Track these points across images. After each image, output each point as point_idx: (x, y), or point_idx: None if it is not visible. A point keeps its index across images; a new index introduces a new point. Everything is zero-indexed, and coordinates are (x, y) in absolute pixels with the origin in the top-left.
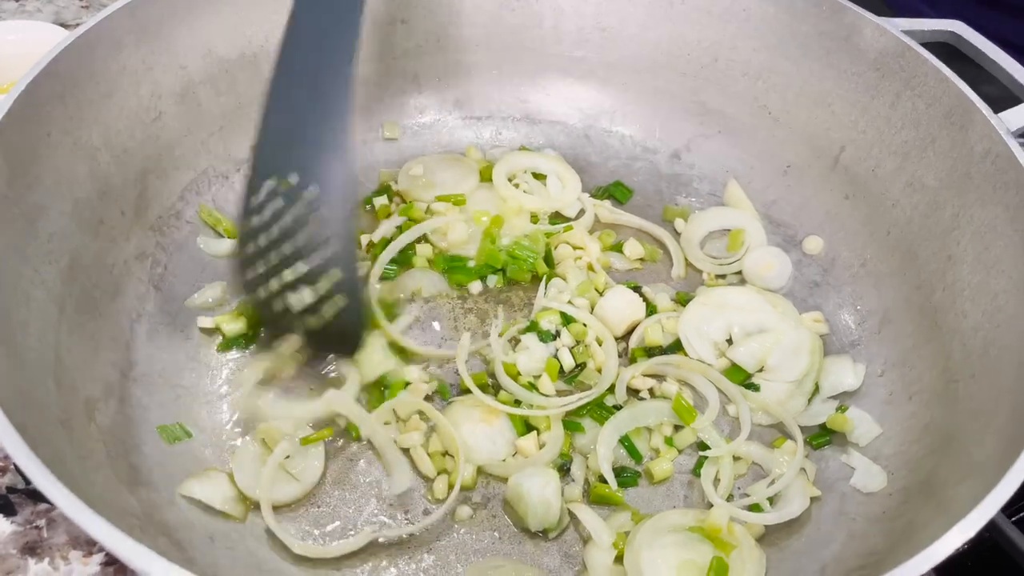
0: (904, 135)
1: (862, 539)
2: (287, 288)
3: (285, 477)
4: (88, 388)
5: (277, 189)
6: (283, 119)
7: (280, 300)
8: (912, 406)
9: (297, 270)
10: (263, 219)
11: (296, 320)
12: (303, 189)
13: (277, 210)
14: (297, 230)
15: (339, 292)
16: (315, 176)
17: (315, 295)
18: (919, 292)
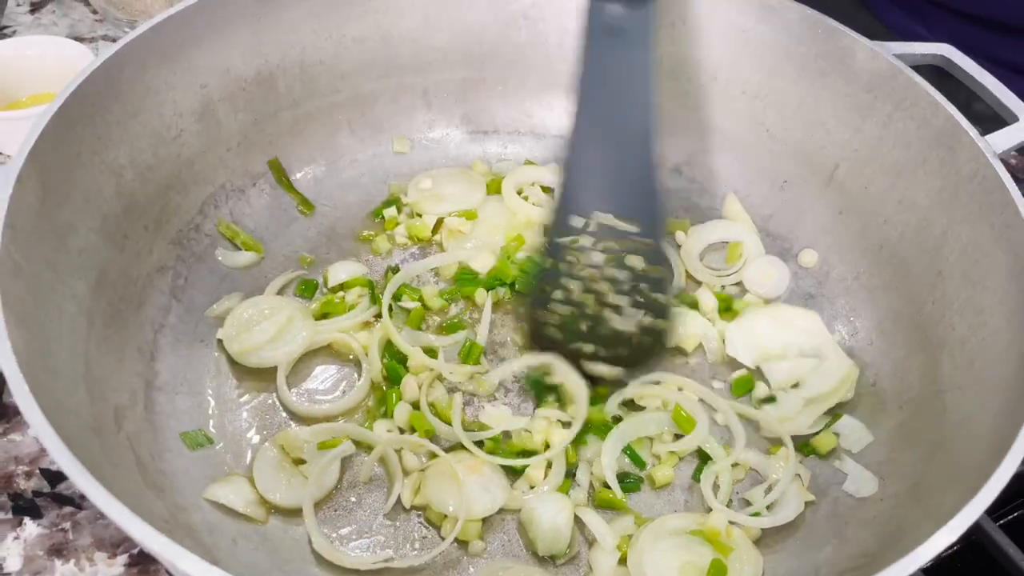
0: (896, 155)
1: (854, 542)
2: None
3: (301, 481)
4: (116, 397)
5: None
6: (584, 166)
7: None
8: (902, 415)
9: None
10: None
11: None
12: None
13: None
14: (613, 264)
15: (656, 315)
16: (632, 210)
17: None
18: (910, 305)
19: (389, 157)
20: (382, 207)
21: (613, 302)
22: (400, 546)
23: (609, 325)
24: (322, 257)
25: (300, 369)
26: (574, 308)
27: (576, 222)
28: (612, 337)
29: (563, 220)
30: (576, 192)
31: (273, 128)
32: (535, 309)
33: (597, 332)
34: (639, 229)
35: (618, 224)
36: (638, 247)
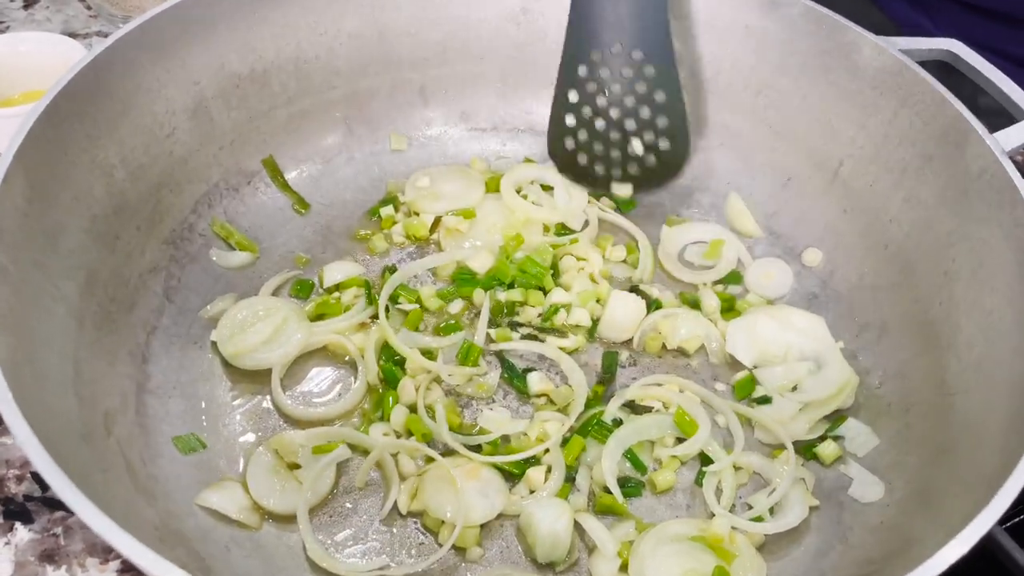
0: (901, 152)
1: (859, 548)
2: (612, 145)
3: (296, 487)
4: (106, 401)
5: (603, 57)
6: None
7: (601, 159)
8: (909, 418)
9: (626, 127)
10: (586, 91)
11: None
12: (627, 52)
13: (601, 80)
14: (625, 91)
15: (666, 136)
16: (634, 39)
17: (645, 144)
18: (916, 306)
19: (386, 155)
20: (379, 206)
21: (628, 128)
22: (396, 553)
23: (627, 148)
24: (318, 257)
25: (295, 371)
26: (593, 135)
27: (592, 53)
28: (630, 159)
29: (579, 49)
30: (588, 21)
31: (267, 126)
32: (557, 139)
33: (616, 155)
34: (649, 56)
35: (632, 53)
36: (649, 74)
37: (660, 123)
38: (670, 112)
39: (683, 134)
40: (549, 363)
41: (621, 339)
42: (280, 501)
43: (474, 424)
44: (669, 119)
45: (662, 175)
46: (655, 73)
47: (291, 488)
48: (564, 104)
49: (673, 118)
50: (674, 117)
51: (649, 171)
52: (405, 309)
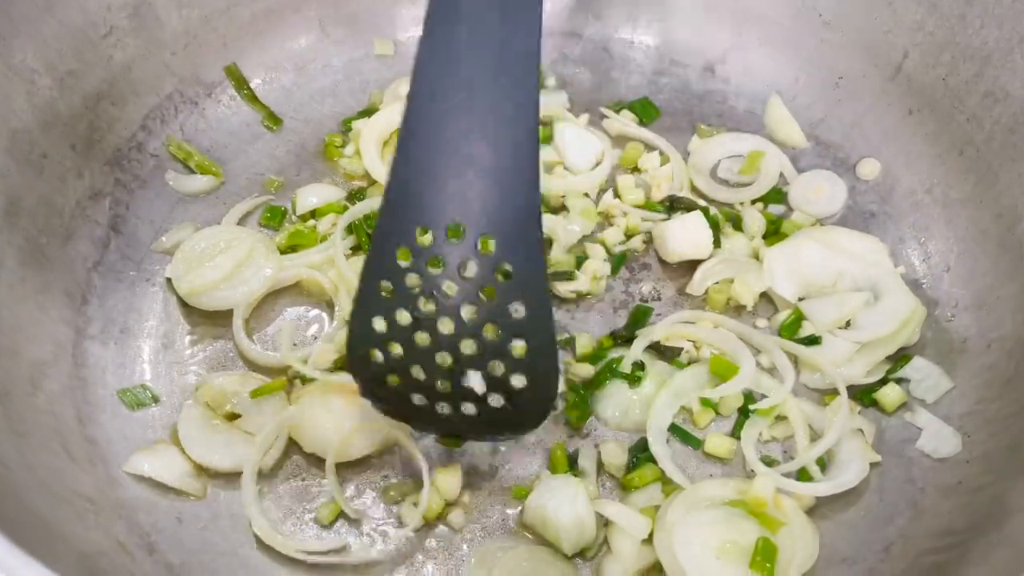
0: (984, 35)
1: (934, 515)
2: (443, 374)
3: (243, 438)
4: (34, 351)
5: (435, 242)
6: (431, 142)
7: (421, 389)
8: (991, 356)
9: (463, 349)
10: (407, 285)
11: (451, 412)
12: (472, 240)
13: (429, 272)
14: (464, 296)
15: (522, 371)
16: (490, 223)
17: (488, 379)
18: (999, 222)
19: (369, 61)
20: (355, 117)
21: (465, 352)
22: (367, 525)
23: (461, 382)
24: (291, 180)
25: (263, 312)
26: (411, 354)
27: (419, 234)
28: (464, 395)
29: (400, 226)
30: (418, 186)
31: (227, 27)
32: (361, 349)
33: (443, 387)
34: (507, 248)
35: (479, 242)
36: (504, 274)
37: (515, 350)
38: (532, 333)
39: (548, 368)
40: None
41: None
42: (226, 458)
43: None
44: (530, 345)
45: (510, 424)
46: (515, 275)
47: (236, 441)
48: (372, 298)
49: (537, 343)
50: (538, 342)
51: (493, 415)
52: None
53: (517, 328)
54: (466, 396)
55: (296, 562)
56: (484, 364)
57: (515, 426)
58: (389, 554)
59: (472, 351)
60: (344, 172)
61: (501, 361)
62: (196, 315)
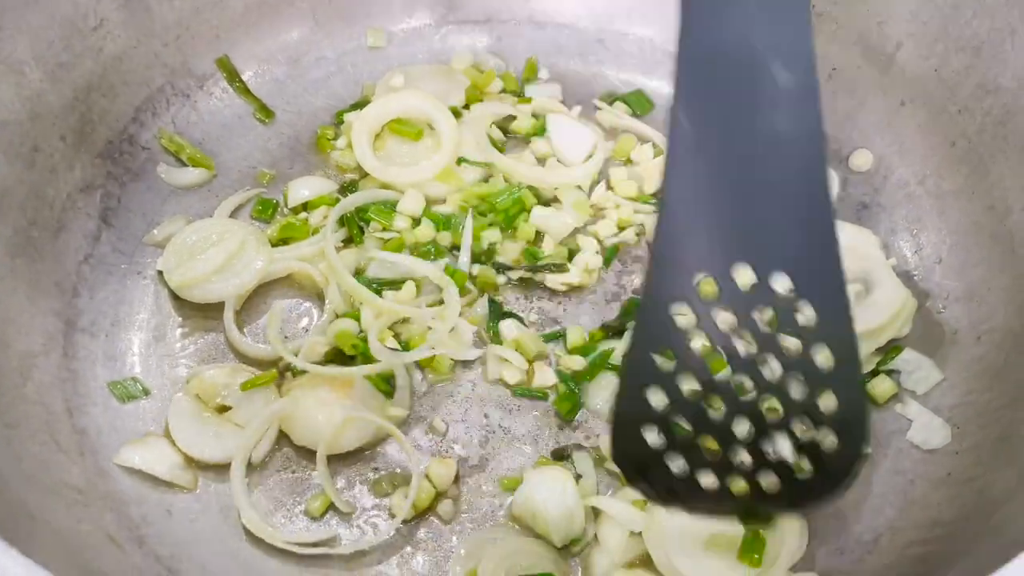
0: (975, 26)
1: (923, 506)
2: (737, 444)
3: (233, 430)
4: (23, 342)
5: (720, 291)
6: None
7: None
8: (981, 348)
9: (763, 412)
10: (686, 349)
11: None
12: (765, 286)
13: (715, 329)
14: (762, 352)
15: (832, 426)
16: (782, 259)
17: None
18: (991, 214)
19: (362, 53)
20: (347, 109)
21: (768, 413)
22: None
23: (762, 447)
24: (283, 172)
25: (256, 304)
26: (700, 426)
27: (699, 284)
28: (766, 466)
29: (674, 278)
30: (688, 231)
31: (219, 18)
32: (632, 430)
33: (739, 460)
34: (805, 286)
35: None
36: (808, 319)
37: (825, 404)
38: (840, 384)
39: (858, 421)
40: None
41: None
42: (216, 449)
43: None
44: (839, 397)
45: (814, 491)
46: (817, 318)
47: (226, 432)
48: (646, 369)
49: (846, 394)
50: (847, 392)
51: (798, 486)
52: (383, 237)
53: (825, 379)
54: (766, 467)
55: (286, 553)
56: (788, 425)
57: (819, 493)
58: (379, 546)
59: (776, 412)
60: (336, 164)
61: (809, 419)
62: (187, 308)
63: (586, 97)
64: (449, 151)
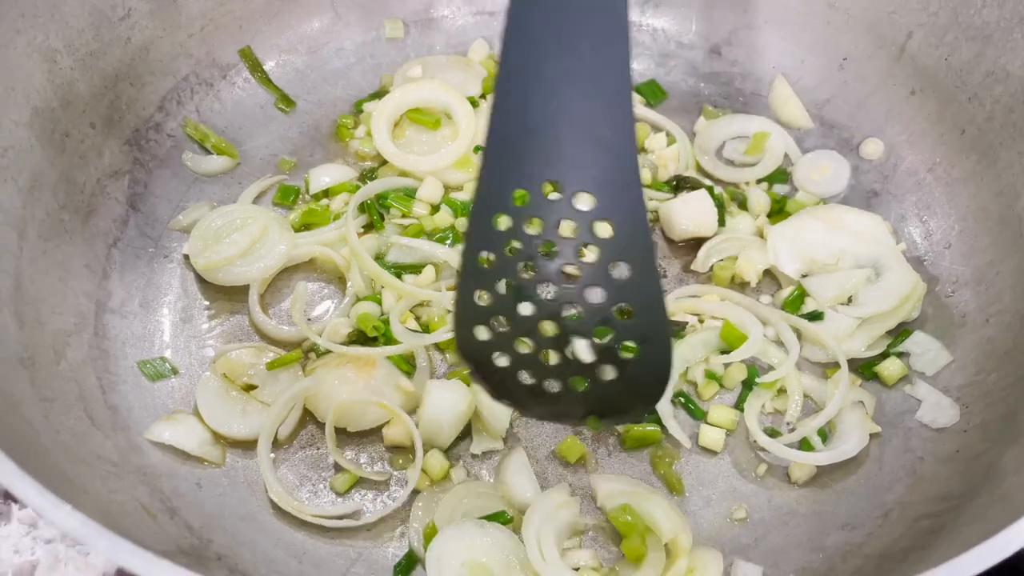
0: (985, 15)
1: (932, 481)
2: (548, 345)
3: (259, 407)
4: (57, 321)
5: (532, 203)
6: (528, 102)
7: (530, 364)
8: (989, 330)
9: (568, 319)
10: (504, 253)
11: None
12: (569, 199)
13: (529, 236)
14: (564, 261)
15: (630, 338)
16: (587, 179)
17: (596, 349)
18: (999, 199)
19: (380, 44)
20: (366, 99)
21: (570, 317)
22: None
23: (571, 355)
24: (304, 160)
25: (278, 287)
26: (516, 326)
27: (515, 198)
28: (572, 367)
29: (497, 191)
30: (512, 149)
31: (242, 9)
32: (467, 327)
33: (554, 361)
34: (607, 206)
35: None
36: (606, 236)
37: (622, 315)
38: (639, 297)
39: (661, 336)
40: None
41: (673, 237)
42: (243, 426)
43: None
44: (637, 309)
45: (624, 401)
46: (616, 232)
47: (253, 410)
48: (473, 270)
49: (645, 308)
50: (646, 306)
51: (605, 390)
52: (403, 223)
53: (623, 291)
54: (575, 370)
55: (312, 526)
56: (589, 331)
57: (629, 403)
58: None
59: (576, 317)
60: (356, 153)
61: (608, 327)
62: (213, 290)
63: None
64: (467, 139)
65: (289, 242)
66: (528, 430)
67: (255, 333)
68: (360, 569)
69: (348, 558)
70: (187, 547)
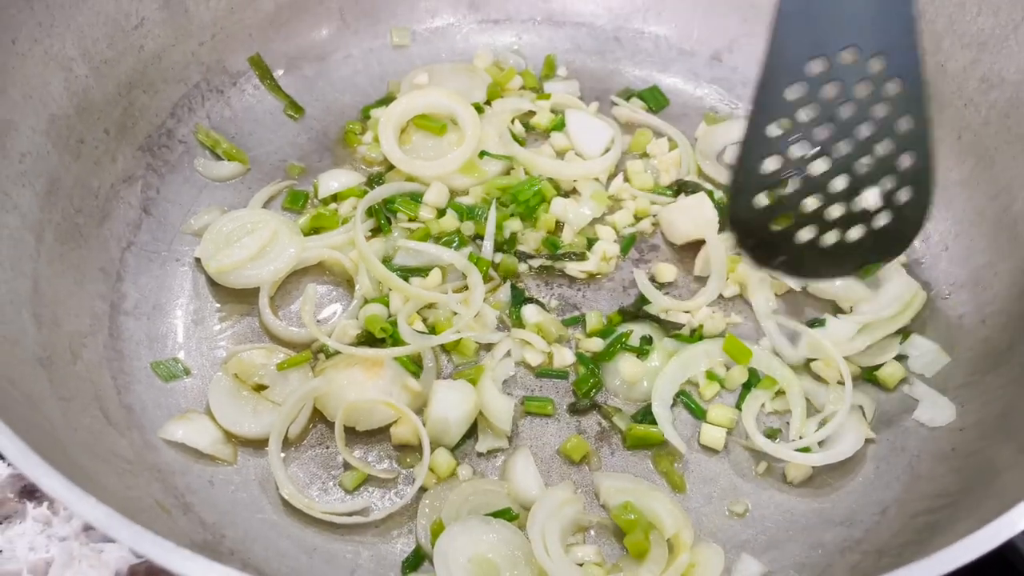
0: (981, 22)
1: (928, 479)
2: (834, 199)
3: (270, 407)
4: (73, 322)
5: (833, 68)
6: None
7: (812, 220)
8: (986, 330)
9: (856, 170)
10: (799, 121)
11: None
12: (864, 64)
13: (824, 102)
14: (857, 121)
15: (909, 183)
16: (880, 42)
17: (879, 197)
18: (995, 202)
19: (387, 51)
20: (373, 106)
21: (858, 172)
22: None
23: (854, 204)
24: (313, 165)
25: (287, 290)
26: (806, 186)
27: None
28: (853, 219)
29: (791, 61)
30: (810, 17)
31: (252, 18)
32: (746, 197)
33: (836, 214)
34: (894, 64)
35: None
36: (892, 92)
37: (903, 163)
38: (916, 146)
39: (928, 179)
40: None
41: (687, 240)
42: (254, 425)
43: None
44: (914, 157)
45: (890, 243)
46: (901, 90)
47: (263, 409)
48: (760, 142)
49: (919, 155)
50: (921, 154)
51: (876, 236)
52: (410, 227)
53: (905, 142)
54: (855, 220)
55: (322, 522)
56: (877, 180)
57: (896, 242)
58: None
59: (867, 169)
60: (363, 158)
61: (892, 176)
62: (224, 293)
63: (603, 93)
64: (472, 145)
65: (298, 245)
66: (533, 430)
67: (265, 334)
68: (369, 564)
69: (357, 554)
70: (200, 542)
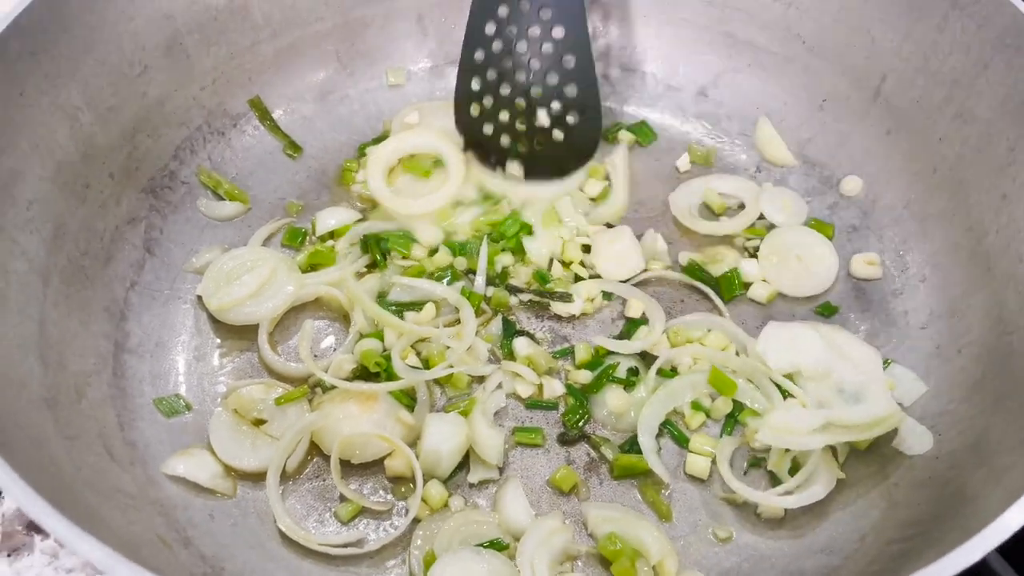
0: (952, 61)
1: (904, 507)
2: (517, 115)
3: (269, 442)
4: (78, 363)
5: (508, 17)
6: None
7: (506, 130)
8: (961, 360)
9: (532, 94)
10: (492, 51)
11: (524, 146)
12: (536, 10)
13: (507, 38)
14: (531, 56)
15: (575, 108)
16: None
17: (551, 115)
18: (969, 235)
19: (383, 92)
20: (369, 144)
21: (534, 95)
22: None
23: (533, 120)
24: (311, 203)
25: (286, 326)
26: (500, 102)
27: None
28: (536, 131)
29: (489, 6)
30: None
31: (252, 62)
32: (464, 106)
33: (521, 127)
34: (558, 15)
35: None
36: (558, 36)
37: (569, 92)
38: (580, 80)
39: (594, 108)
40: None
41: (626, 275)
42: (253, 459)
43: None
44: (579, 88)
45: (569, 155)
46: (564, 35)
47: (262, 444)
48: (470, 64)
49: (584, 87)
50: (585, 86)
51: (556, 148)
52: (404, 265)
53: (569, 75)
54: (536, 133)
55: (319, 554)
56: (548, 103)
57: (574, 157)
58: (399, 540)
59: (539, 94)
60: (359, 196)
61: (560, 102)
62: (224, 329)
63: None
64: (455, 184)
65: (296, 283)
66: (524, 461)
67: (264, 370)
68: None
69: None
70: (200, 575)
